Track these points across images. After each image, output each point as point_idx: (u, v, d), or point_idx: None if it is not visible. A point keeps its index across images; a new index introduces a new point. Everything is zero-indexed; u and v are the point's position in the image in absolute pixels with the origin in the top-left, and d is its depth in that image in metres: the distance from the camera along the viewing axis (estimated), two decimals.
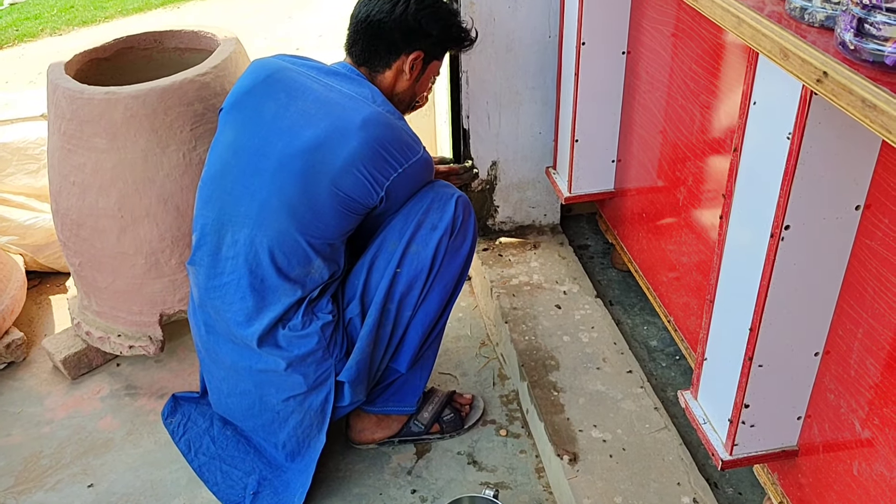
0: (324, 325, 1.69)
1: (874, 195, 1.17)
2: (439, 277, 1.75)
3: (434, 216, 1.71)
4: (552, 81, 2.33)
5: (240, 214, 1.64)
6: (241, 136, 1.65)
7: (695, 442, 1.84)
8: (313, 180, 1.58)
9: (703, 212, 1.76)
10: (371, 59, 1.68)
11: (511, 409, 2.05)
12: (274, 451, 1.83)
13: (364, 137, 1.56)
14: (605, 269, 2.52)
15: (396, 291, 1.73)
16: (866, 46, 0.90)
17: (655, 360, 2.15)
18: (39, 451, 1.99)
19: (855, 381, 1.27)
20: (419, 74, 1.72)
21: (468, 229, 1.75)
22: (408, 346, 1.81)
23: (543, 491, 1.82)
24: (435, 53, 1.73)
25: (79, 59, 2.07)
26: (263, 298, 1.66)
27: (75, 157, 1.94)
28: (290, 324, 1.68)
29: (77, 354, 2.19)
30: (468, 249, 1.77)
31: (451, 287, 1.79)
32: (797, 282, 1.26)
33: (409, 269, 1.72)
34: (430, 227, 1.71)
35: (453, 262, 1.75)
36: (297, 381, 1.72)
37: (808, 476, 1.43)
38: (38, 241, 2.50)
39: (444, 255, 1.73)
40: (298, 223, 1.60)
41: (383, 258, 1.72)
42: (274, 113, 1.62)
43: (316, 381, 1.73)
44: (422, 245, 1.71)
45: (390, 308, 1.74)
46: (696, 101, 1.71)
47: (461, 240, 1.75)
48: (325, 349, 1.70)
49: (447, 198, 1.72)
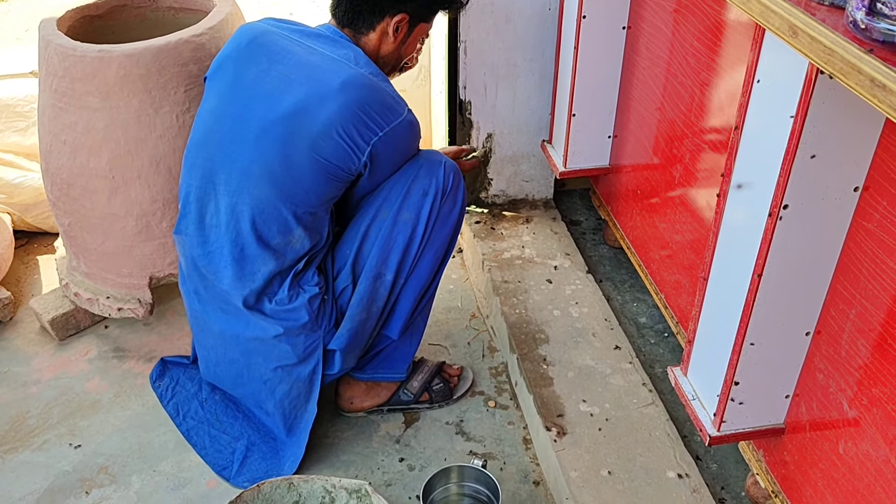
0: (311, 297, 1.68)
1: (873, 177, 1.17)
2: (430, 243, 1.75)
3: (423, 182, 1.70)
4: (551, 55, 2.31)
5: (221, 182, 1.62)
6: (222, 103, 1.63)
7: (681, 418, 1.85)
8: (293, 146, 1.56)
9: (699, 190, 1.76)
10: (355, 20, 1.63)
11: (500, 381, 2.06)
12: (264, 417, 1.83)
13: (343, 100, 1.53)
14: (597, 245, 2.53)
15: (391, 259, 1.72)
16: (878, 26, 0.90)
17: (644, 336, 2.17)
18: (26, 412, 1.98)
19: (845, 361, 1.28)
20: (405, 37, 1.67)
21: (458, 194, 1.75)
22: (399, 313, 1.80)
23: (530, 462, 1.84)
24: (421, 15, 1.67)
25: (71, 16, 2.02)
26: (243, 268, 1.65)
27: (67, 116, 1.90)
28: (277, 298, 1.67)
29: (65, 315, 2.17)
30: (458, 214, 1.77)
31: (442, 253, 1.79)
32: (793, 261, 1.27)
33: (401, 236, 1.71)
34: (420, 192, 1.70)
35: (444, 228, 1.75)
36: (285, 351, 1.71)
37: (794, 454, 1.45)
38: (27, 201, 2.46)
39: (435, 220, 1.73)
40: (280, 191, 1.59)
41: (375, 227, 1.71)
42: (254, 78, 1.59)
43: (305, 353, 1.72)
44: (413, 211, 1.70)
45: (384, 275, 1.73)
46: (696, 78, 1.70)
47: (451, 204, 1.74)
48: (313, 321, 1.70)
49: (436, 164, 1.72)
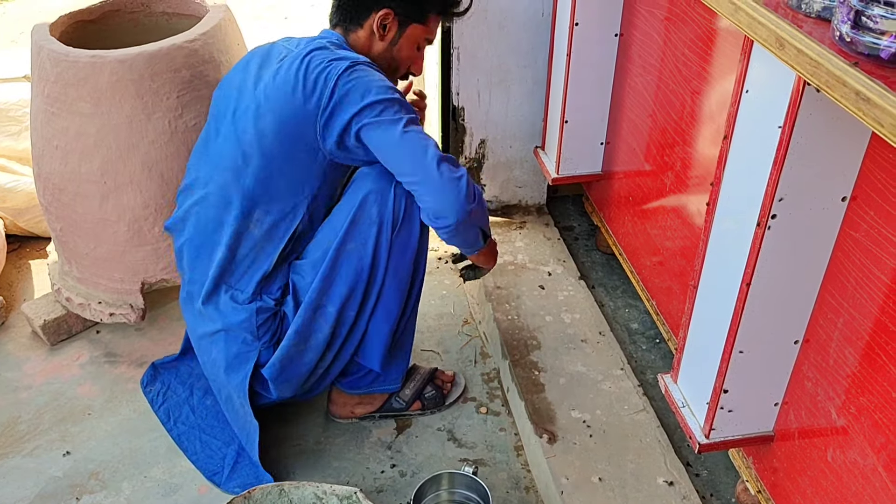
0: (260, 308, 1.64)
1: (861, 187, 1.18)
2: (390, 273, 1.64)
3: (370, 210, 1.58)
4: (543, 61, 2.32)
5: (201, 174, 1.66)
6: (218, 105, 1.67)
7: (672, 424, 1.86)
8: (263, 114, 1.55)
9: (690, 198, 1.77)
10: (344, 17, 1.61)
11: (492, 387, 2.06)
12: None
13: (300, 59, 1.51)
14: (590, 252, 2.53)
15: (333, 290, 1.63)
16: (862, 39, 0.91)
17: (636, 342, 2.17)
18: (17, 417, 1.97)
19: (833, 369, 1.29)
20: (395, 37, 1.62)
21: (412, 221, 1.62)
22: (374, 343, 1.74)
23: (522, 469, 1.84)
24: (409, 14, 1.60)
25: (64, 21, 2.03)
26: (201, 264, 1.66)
27: (59, 121, 1.91)
28: (235, 292, 1.64)
29: (56, 320, 2.17)
30: (417, 240, 1.65)
31: (408, 279, 1.70)
32: (781, 270, 1.28)
33: (346, 268, 1.62)
34: (367, 222, 1.59)
35: (404, 256, 1.65)
36: (219, 349, 1.68)
37: (783, 461, 1.45)
38: (19, 205, 2.46)
39: (389, 251, 1.61)
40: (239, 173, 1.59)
41: (316, 255, 1.63)
42: (242, 79, 1.62)
43: (236, 358, 1.67)
44: (358, 241, 1.60)
45: (328, 310, 1.65)
46: (688, 86, 1.71)
47: (406, 233, 1.62)
48: (254, 330, 1.64)
49: (385, 188, 1.58)
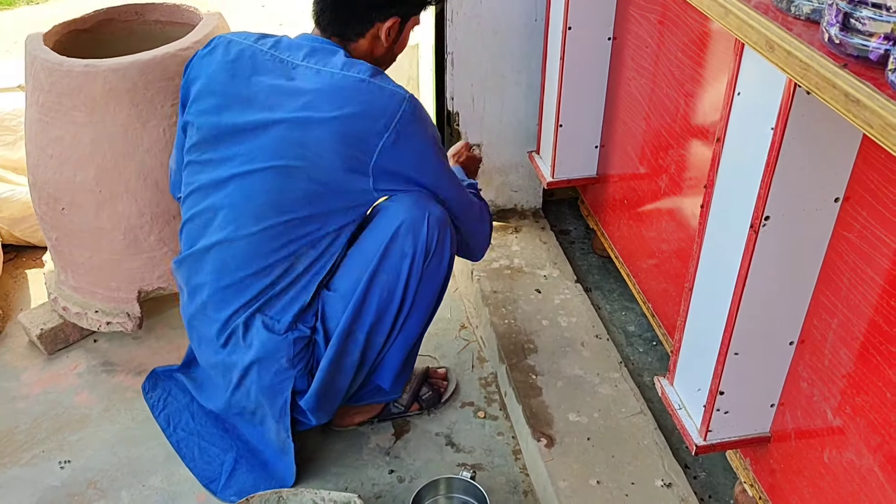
0: (297, 337, 1.63)
1: (853, 188, 1.19)
2: (418, 301, 1.65)
3: (403, 242, 1.58)
4: (537, 66, 2.32)
5: (220, 208, 1.59)
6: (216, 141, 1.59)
7: (669, 426, 1.86)
8: (291, 178, 1.52)
9: (684, 200, 1.78)
10: (342, 30, 1.56)
11: (489, 391, 2.06)
12: (251, 438, 1.82)
13: (335, 124, 1.47)
14: (586, 255, 2.53)
15: (363, 319, 1.64)
16: (851, 41, 0.91)
17: (633, 345, 2.17)
18: (14, 426, 1.97)
19: (828, 370, 1.29)
20: (397, 37, 1.61)
21: (444, 250, 1.62)
22: (389, 365, 1.76)
23: (520, 473, 1.84)
24: (412, 14, 1.61)
25: (58, 31, 2.03)
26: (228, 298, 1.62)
27: (53, 130, 1.91)
28: (274, 324, 1.62)
29: (53, 329, 2.16)
30: (446, 269, 1.66)
31: (432, 306, 1.71)
32: (775, 272, 1.28)
33: (378, 299, 1.62)
34: (399, 254, 1.58)
35: (432, 285, 1.66)
36: (252, 379, 1.68)
37: (780, 462, 1.46)
38: (15, 214, 2.46)
39: (419, 281, 1.62)
40: (280, 212, 1.55)
41: (348, 286, 1.62)
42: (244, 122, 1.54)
43: (272, 386, 1.67)
44: (390, 274, 1.60)
45: (357, 337, 1.66)
46: (681, 89, 1.71)
47: (437, 262, 1.62)
48: (290, 359, 1.64)
49: (419, 220, 1.57)
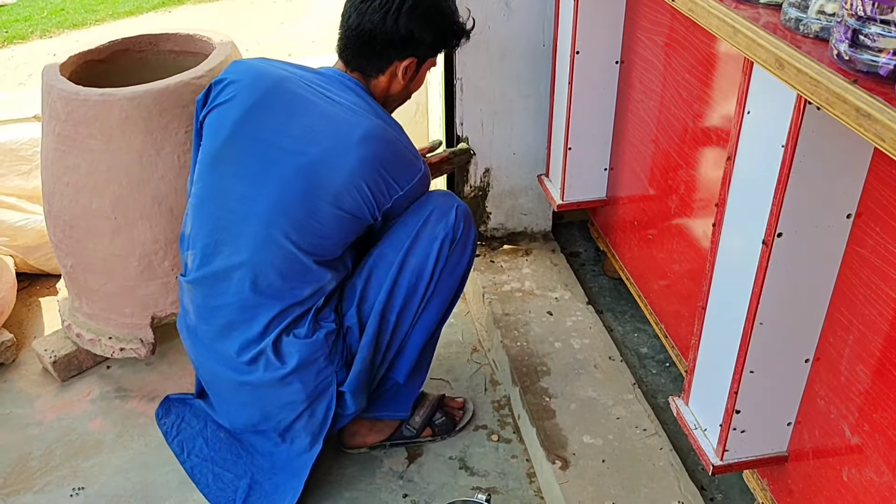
0: (327, 333, 1.69)
1: (865, 204, 1.19)
2: (439, 288, 1.74)
3: (434, 227, 1.69)
4: (545, 89, 2.35)
5: (242, 235, 1.61)
6: (236, 152, 1.62)
7: (685, 447, 1.85)
8: (317, 199, 1.57)
9: (695, 220, 1.78)
10: (364, 66, 1.67)
11: (503, 414, 2.06)
12: (272, 453, 1.82)
13: (364, 155, 1.54)
14: (597, 277, 2.54)
15: (395, 302, 1.72)
16: (861, 57, 0.92)
17: (646, 366, 2.17)
18: (28, 453, 1.97)
19: (845, 387, 1.29)
20: (413, 75, 1.70)
21: (468, 239, 1.73)
22: (407, 356, 1.80)
23: (535, 496, 1.83)
24: (429, 55, 1.70)
25: (73, 61, 2.07)
26: (255, 317, 1.65)
27: (69, 159, 1.93)
28: (296, 331, 1.67)
29: (67, 356, 2.17)
30: (468, 259, 1.76)
31: (451, 297, 1.78)
32: (789, 289, 1.28)
33: (408, 281, 1.70)
34: (429, 238, 1.69)
35: (453, 273, 1.74)
36: (296, 390, 1.70)
37: (798, 482, 1.44)
38: (29, 243, 2.48)
39: (443, 268, 1.71)
40: (301, 241, 1.60)
41: (381, 268, 1.71)
42: (274, 129, 1.59)
43: (316, 389, 1.71)
44: (421, 256, 1.69)
45: (389, 318, 1.73)
46: (689, 110, 1.73)
47: (461, 250, 1.73)
48: (326, 356, 1.70)
49: (447, 208, 1.70)
